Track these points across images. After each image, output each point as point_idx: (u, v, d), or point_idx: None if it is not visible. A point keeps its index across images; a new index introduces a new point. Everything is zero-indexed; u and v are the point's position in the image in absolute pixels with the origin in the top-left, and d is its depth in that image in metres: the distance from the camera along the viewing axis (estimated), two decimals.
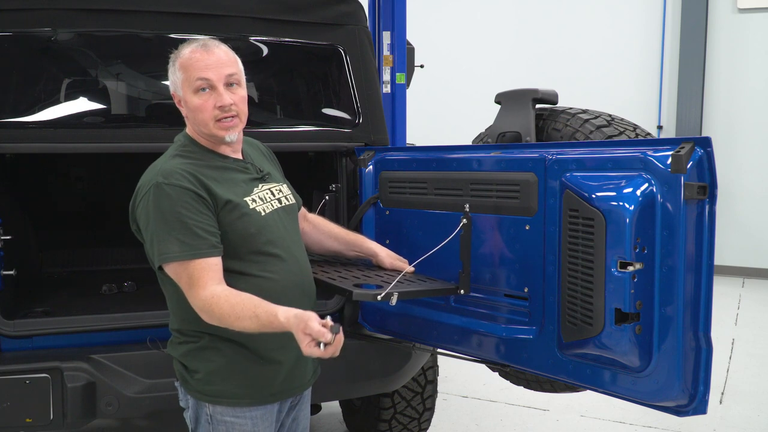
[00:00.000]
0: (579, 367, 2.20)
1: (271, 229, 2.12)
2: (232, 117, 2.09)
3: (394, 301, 2.19)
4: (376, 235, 2.93)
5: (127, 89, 3.49)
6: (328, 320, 1.80)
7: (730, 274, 8.68)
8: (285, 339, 2.12)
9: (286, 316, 1.85)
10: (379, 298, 2.18)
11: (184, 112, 2.14)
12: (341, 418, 4.28)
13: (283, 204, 2.22)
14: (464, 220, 2.48)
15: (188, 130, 2.17)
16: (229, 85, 2.08)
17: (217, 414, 2.07)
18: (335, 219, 3.01)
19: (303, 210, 2.51)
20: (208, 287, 1.93)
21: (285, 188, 2.29)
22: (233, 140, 2.13)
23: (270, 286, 2.06)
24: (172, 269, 1.98)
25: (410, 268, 2.53)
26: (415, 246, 2.69)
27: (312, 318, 1.81)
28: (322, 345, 1.78)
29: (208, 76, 2.04)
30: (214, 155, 2.13)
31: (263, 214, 2.12)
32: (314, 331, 1.78)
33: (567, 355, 2.23)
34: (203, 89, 2.05)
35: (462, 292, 2.52)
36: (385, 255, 2.59)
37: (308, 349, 1.80)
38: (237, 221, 2.04)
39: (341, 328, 1.81)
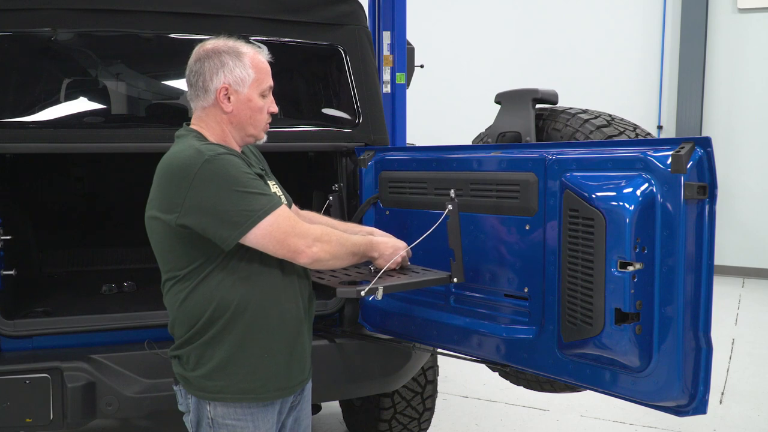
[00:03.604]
0: (579, 367, 2.20)
1: None
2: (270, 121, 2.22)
3: (379, 295, 2.16)
4: None
5: (127, 89, 3.49)
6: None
7: (730, 274, 8.68)
8: (286, 329, 2.13)
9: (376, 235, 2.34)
10: (362, 293, 2.15)
11: (228, 107, 2.09)
12: (341, 418, 4.28)
13: (283, 202, 2.23)
14: (449, 206, 2.41)
15: (200, 126, 2.12)
16: None
17: (218, 417, 2.07)
18: (341, 219, 3.00)
19: (294, 207, 2.51)
20: (304, 223, 2.05)
21: (279, 187, 2.30)
22: (265, 140, 2.22)
23: (274, 282, 2.08)
24: (267, 223, 1.95)
25: (397, 259, 2.38)
26: (415, 246, 2.68)
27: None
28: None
29: (272, 84, 2.18)
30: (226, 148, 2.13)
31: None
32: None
33: (567, 355, 2.23)
34: (266, 94, 2.15)
35: (455, 280, 2.43)
36: (381, 234, 2.49)
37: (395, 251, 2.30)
38: None
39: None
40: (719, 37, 8.76)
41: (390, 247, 2.30)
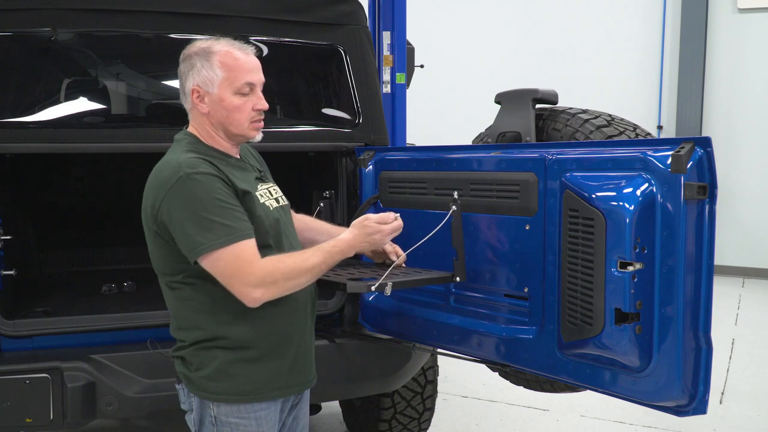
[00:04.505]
0: (579, 367, 2.20)
1: (278, 225, 2.14)
2: (262, 119, 2.15)
3: (388, 291, 2.18)
4: None
5: (127, 89, 3.49)
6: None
7: (730, 274, 8.68)
8: (287, 332, 2.13)
9: (346, 232, 2.18)
10: (373, 288, 2.17)
11: (205, 109, 2.09)
12: (341, 418, 4.28)
13: (281, 203, 2.24)
14: (453, 206, 2.45)
15: (194, 129, 2.15)
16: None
17: (221, 415, 2.07)
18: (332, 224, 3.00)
19: (291, 212, 2.51)
20: (258, 258, 1.96)
21: (278, 188, 2.30)
22: (259, 139, 2.18)
23: None
24: (216, 256, 1.93)
25: (401, 259, 2.46)
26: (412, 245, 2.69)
27: (365, 216, 2.21)
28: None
29: (253, 80, 2.10)
30: (221, 153, 2.13)
31: (271, 209, 2.15)
32: (378, 218, 2.21)
33: (567, 355, 2.23)
34: (244, 92, 2.09)
35: (458, 279, 2.48)
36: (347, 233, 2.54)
37: (388, 228, 2.21)
38: (255, 212, 2.06)
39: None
40: (719, 37, 8.76)
41: (364, 244, 2.19)
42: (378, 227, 2.18)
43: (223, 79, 2.06)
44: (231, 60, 2.07)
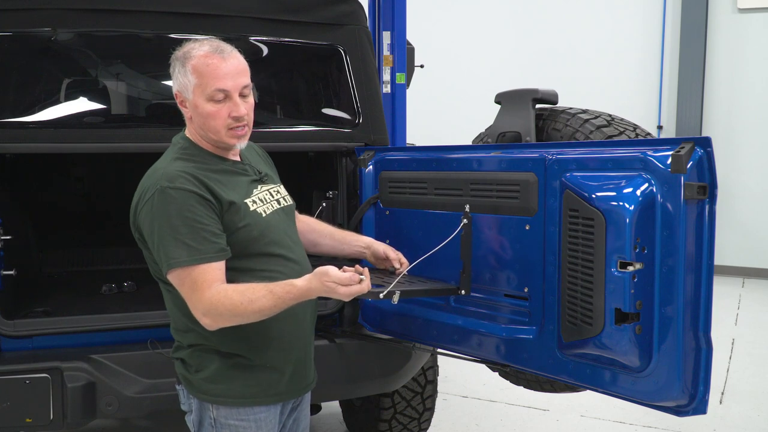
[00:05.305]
0: (579, 367, 2.20)
1: (273, 230, 2.12)
2: (244, 126, 2.08)
3: (396, 299, 2.19)
4: (376, 235, 2.93)
5: (127, 89, 3.49)
6: (345, 268, 1.95)
7: (730, 274, 8.68)
8: (289, 341, 2.12)
9: (304, 279, 1.94)
10: (381, 296, 2.18)
11: (188, 114, 2.10)
12: (341, 418, 4.28)
13: (282, 205, 2.22)
14: (465, 220, 2.48)
15: (188, 132, 2.15)
16: (242, 95, 2.06)
17: (221, 417, 2.06)
18: (333, 224, 3.00)
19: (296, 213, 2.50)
20: (213, 286, 1.93)
21: (282, 189, 2.29)
22: (242, 147, 2.14)
23: None
24: (176, 274, 1.95)
25: (405, 269, 2.47)
26: (415, 246, 2.69)
27: (329, 269, 1.92)
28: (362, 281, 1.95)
29: (226, 86, 2.01)
30: (215, 158, 2.12)
31: (264, 215, 2.11)
32: (339, 278, 1.90)
33: (567, 355, 2.23)
34: (217, 98, 2.02)
35: (463, 292, 2.52)
36: (379, 243, 2.53)
37: (346, 291, 1.91)
38: (240, 223, 2.04)
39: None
40: (719, 37, 8.76)
41: (321, 294, 1.95)
42: (333, 287, 1.92)
43: (195, 85, 2.03)
44: (203, 66, 2.01)
